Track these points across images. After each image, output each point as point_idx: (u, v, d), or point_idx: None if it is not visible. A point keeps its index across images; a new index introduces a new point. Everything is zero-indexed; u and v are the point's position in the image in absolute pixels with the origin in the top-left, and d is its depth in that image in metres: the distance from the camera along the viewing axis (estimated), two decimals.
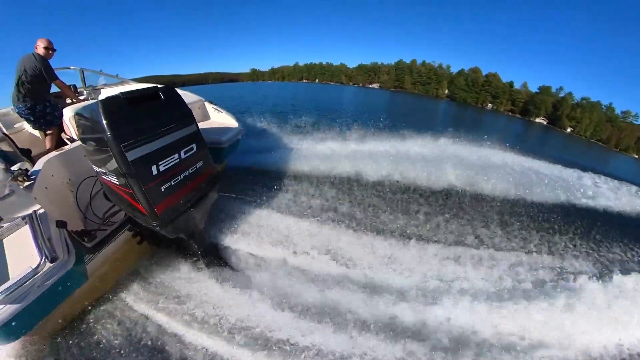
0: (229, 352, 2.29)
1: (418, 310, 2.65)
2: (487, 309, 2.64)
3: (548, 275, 3.33)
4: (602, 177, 6.89)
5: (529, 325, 2.53)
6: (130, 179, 2.04)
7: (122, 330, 2.46)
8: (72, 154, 2.81)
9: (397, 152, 5.99)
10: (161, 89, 2.38)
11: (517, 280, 3.14)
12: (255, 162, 5.65)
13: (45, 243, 1.77)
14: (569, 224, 4.57)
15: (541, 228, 4.38)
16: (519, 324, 2.54)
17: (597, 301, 2.74)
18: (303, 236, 3.51)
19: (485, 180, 5.21)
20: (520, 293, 2.92)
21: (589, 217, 4.94)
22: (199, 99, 4.59)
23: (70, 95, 3.98)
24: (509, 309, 2.64)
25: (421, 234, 3.92)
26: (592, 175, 6.86)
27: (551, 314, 2.61)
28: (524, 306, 2.66)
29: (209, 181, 2.70)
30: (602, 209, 5.45)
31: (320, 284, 2.92)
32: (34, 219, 1.92)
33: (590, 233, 4.44)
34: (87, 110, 2.19)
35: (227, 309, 2.59)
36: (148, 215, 2.18)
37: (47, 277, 1.71)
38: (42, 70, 3.37)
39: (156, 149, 2.15)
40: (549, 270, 3.43)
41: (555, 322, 2.56)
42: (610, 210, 5.48)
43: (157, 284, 2.85)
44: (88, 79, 4.94)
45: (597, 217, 5.04)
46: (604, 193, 6.04)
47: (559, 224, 4.53)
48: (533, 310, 2.63)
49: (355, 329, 2.47)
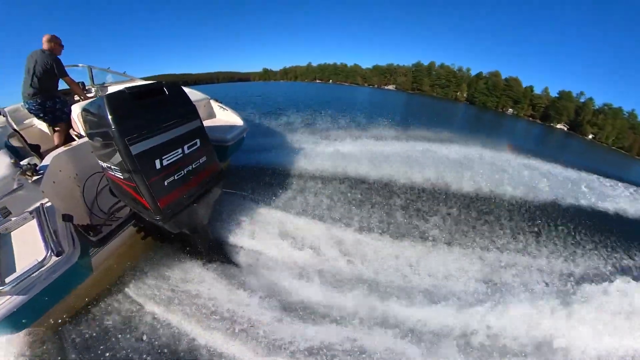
0: (232, 349, 2.30)
1: (425, 308, 2.66)
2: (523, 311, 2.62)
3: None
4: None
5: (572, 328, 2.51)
6: (133, 172, 2.06)
7: (125, 324, 2.48)
8: (79, 149, 2.86)
9: (415, 153, 5.99)
10: (166, 85, 2.41)
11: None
12: (261, 160, 5.67)
13: (52, 236, 1.80)
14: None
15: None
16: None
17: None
18: (307, 234, 3.50)
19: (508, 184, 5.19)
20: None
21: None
22: (204, 97, 4.63)
23: (78, 93, 4.06)
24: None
25: (440, 236, 3.88)
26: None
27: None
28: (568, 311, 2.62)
29: (212, 177, 2.71)
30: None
31: (326, 282, 2.93)
32: (42, 212, 1.96)
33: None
34: (93, 106, 2.24)
35: (230, 305, 2.60)
36: (151, 209, 2.20)
37: (53, 270, 1.74)
38: (54, 66, 3.43)
39: (160, 143, 2.18)
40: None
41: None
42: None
43: (160, 279, 2.88)
44: (96, 77, 5.04)
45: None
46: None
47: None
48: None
49: (361, 329, 2.47)
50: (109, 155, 2.18)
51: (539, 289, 3.11)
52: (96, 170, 2.68)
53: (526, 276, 3.28)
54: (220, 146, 3.78)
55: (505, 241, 3.90)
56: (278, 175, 5.08)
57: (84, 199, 2.75)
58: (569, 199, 5.28)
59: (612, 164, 25.37)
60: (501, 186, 5.12)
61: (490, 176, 5.26)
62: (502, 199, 4.95)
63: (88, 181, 2.77)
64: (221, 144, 3.81)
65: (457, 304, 2.72)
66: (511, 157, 6.40)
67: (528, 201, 4.97)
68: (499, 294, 2.90)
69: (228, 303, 2.63)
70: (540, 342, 2.46)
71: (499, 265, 3.39)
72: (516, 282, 3.16)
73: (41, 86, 3.43)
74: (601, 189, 6.17)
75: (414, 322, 2.57)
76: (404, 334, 2.46)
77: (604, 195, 5.80)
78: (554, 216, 4.68)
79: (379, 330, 2.49)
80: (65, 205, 2.48)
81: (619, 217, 5.27)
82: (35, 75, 3.37)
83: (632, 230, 4.78)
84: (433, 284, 3.01)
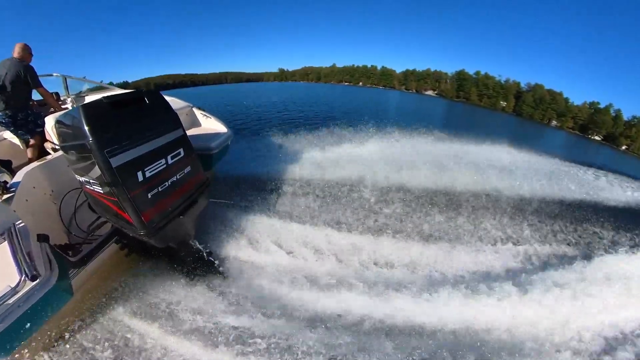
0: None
1: (418, 306, 2.75)
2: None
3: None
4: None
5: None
6: (114, 186, 2.02)
7: (111, 348, 2.40)
8: (54, 164, 2.78)
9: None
10: (146, 93, 2.38)
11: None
12: (260, 169, 5.62)
13: (25, 259, 1.73)
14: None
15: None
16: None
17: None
18: (297, 241, 3.53)
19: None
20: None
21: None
22: (186, 104, 4.60)
23: (52, 104, 3.95)
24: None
25: (444, 236, 4.05)
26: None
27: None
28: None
29: (198, 187, 2.68)
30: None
31: (317, 288, 2.95)
32: (14, 233, 1.89)
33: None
34: (67, 117, 2.18)
35: (222, 319, 2.57)
36: (135, 224, 2.15)
37: (28, 296, 1.67)
38: (27, 76, 3.33)
39: (141, 154, 2.14)
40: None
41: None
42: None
43: (147, 297, 2.81)
44: (72, 87, 4.92)
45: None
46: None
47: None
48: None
49: (353, 331, 2.51)
50: (87, 169, 2.13)
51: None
52: (74, 187, 2.61)
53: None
54: (205, 155, 3.76)
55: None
56: (268, 182, 5.04)
57: (60, 217, 2.66)
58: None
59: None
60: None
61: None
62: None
63: (65, 198, 2.68)
64: (206, 152, 3.78)
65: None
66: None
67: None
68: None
69: (218, 317, 2.59)
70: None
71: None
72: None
73: (11, 97, 3.33)
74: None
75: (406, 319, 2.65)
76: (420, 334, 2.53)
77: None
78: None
79: (383, 331, 2.54)
80: (41, 225, 2.40)
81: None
82: (6, 85, 3.27)
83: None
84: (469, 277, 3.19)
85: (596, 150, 38.54)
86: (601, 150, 42.41)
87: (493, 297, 2.83)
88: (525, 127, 45.28)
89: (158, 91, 2.67)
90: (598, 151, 38.10)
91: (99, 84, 5.12)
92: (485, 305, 2.76)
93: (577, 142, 46.42)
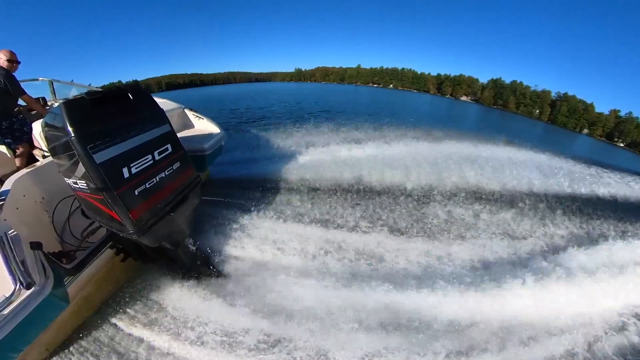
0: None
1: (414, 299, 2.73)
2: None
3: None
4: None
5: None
6: (99, 183, 1.98)
7: (110, 356, 2.39)
8: (44, 170, 2.77)
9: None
10: (129, 88, 2.34)
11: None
12: (255, 169, 5.59)
13: (19, 268, 1.72)
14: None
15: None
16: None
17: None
18: (293, 240, 3.49)
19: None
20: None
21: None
22: (178, 106, 4.59)
23: (38, 109, 3.94)
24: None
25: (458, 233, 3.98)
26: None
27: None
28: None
29: (188, 184, 2.65)
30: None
31: (313, 285, 2.92)
32: (5, 242, 1.87)
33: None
34: (51, 116, 2.15)
35: (219, 322, 2.56)
36: (123, 223, 2.12)
37: (24, 305, 1.66)
38: (7, 84, 3.32)
39: (126, 150, 2.11)
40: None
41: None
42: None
43: (144, 302, 2.81)
44: (59, 92, 4.92)
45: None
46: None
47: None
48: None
49: (355, 331, 2.48)
50: (73, 169, 2.10)
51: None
52: (66, 194, 2.59)
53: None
54: (199, 155, 3.76)
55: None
56: (263, 182, 4.98)
57: (53, 224, 2.64)
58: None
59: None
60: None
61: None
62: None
63: (59, 205, 2.67)
64: (199, 153, 3.78)
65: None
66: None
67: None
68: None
69: (217, 320, 2.58)
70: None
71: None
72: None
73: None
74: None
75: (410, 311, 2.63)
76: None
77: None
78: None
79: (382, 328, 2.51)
80: (33, 233, 2.39)
81: None
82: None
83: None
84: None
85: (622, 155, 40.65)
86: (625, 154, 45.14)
87: (515, 287, 2.80)
88: (562, 135, 51.50)
89: (141, 86, 2.64)
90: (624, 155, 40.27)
91: (87, 87, 5.12)
92: (512, 295, 2.74)
93: (604, 148, 50.39)
